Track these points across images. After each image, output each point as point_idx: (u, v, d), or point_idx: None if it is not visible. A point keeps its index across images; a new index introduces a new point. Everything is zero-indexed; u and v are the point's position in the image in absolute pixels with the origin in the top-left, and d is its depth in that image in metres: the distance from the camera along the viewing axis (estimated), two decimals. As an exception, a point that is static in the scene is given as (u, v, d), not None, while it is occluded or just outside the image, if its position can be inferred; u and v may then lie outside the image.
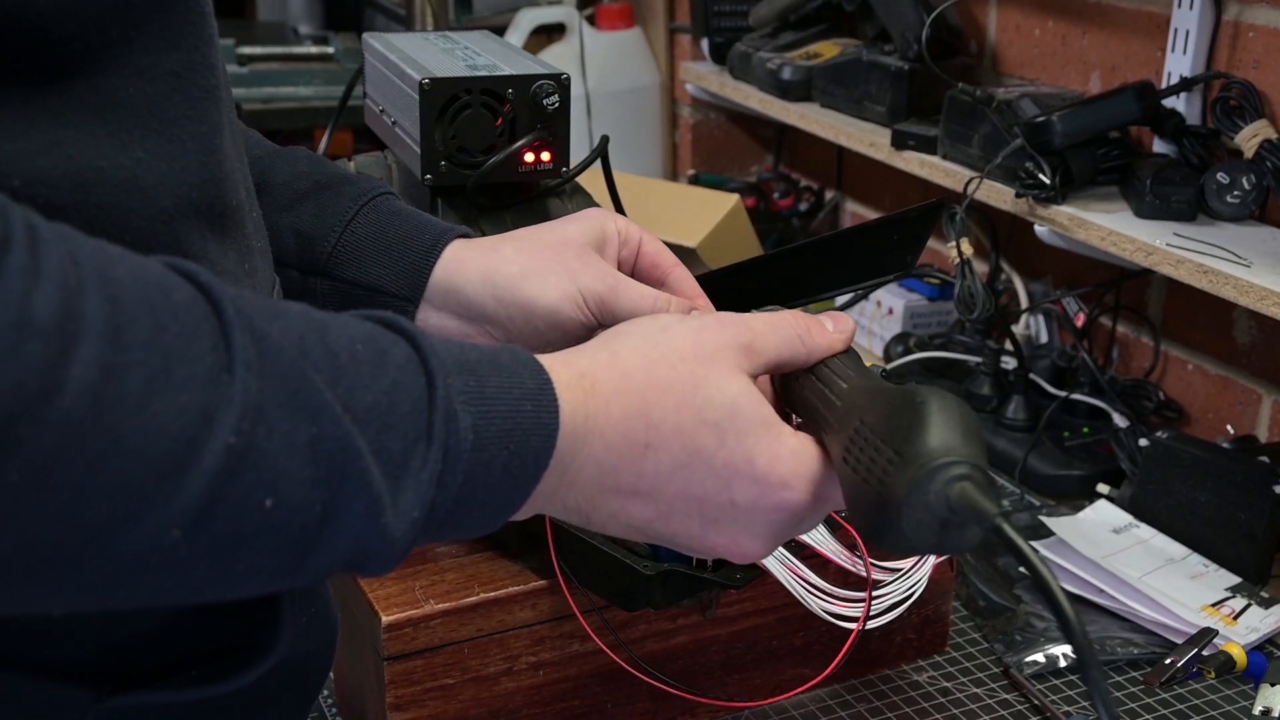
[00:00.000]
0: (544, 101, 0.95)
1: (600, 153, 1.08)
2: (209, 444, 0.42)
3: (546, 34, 2.08)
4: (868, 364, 0.92)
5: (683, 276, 0.77)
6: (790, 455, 0.58)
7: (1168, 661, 1.00)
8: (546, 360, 0.56)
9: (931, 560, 0.93)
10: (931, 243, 1.61)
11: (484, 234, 0.99)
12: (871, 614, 0.89)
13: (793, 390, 0.63)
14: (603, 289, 0.73)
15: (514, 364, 0.54)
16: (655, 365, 0.57)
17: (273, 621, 0.60)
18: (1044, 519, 1.20)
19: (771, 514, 0.58)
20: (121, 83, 0.51)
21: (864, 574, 0.90)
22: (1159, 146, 1.32)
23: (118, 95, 0.51)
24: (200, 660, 0.59)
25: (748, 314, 0.62)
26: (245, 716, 0.62)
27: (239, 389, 0.43)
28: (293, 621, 0.60)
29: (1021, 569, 0.53)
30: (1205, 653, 1.00)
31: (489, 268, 0.74)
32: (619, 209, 1.12)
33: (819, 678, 0.95)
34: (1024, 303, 1.54)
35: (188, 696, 0.58)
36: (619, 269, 0.76)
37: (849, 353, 0.63)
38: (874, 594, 0.90)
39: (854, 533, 0.87)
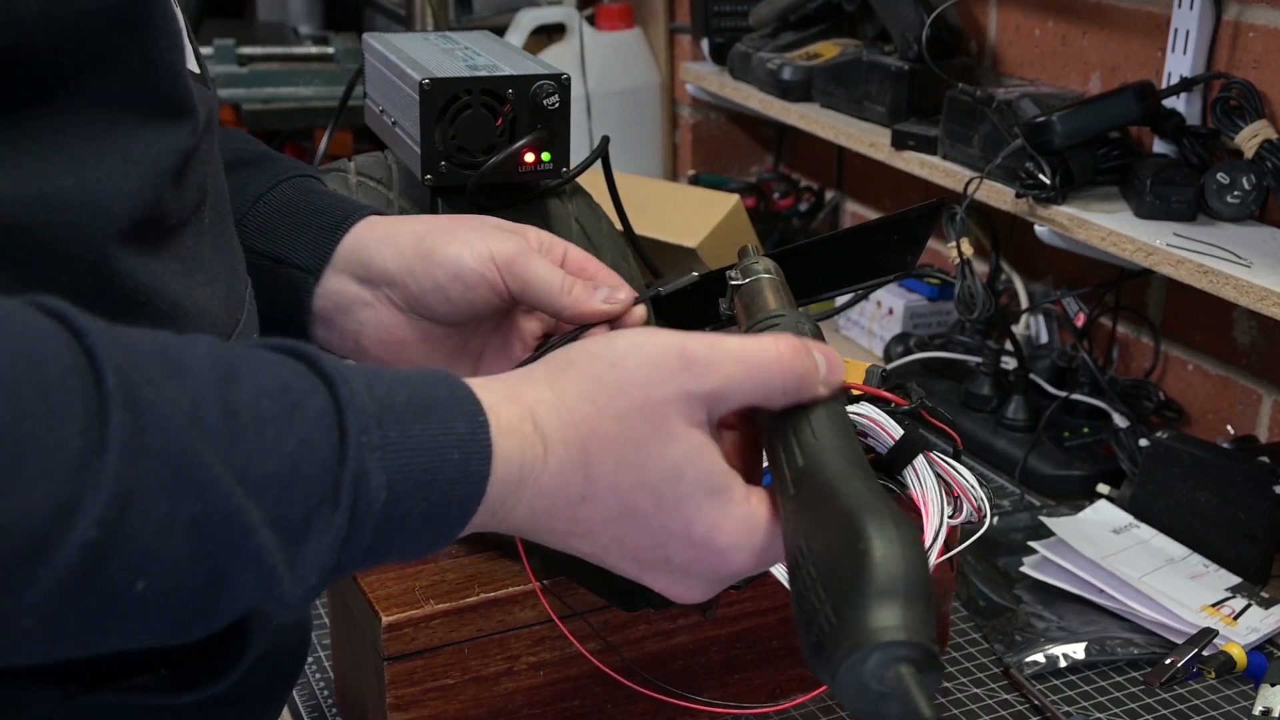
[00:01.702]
0: (544, 102, 0.95)
1: (600, 153, 1.08)
2: (66, 538, 0.41)
3: (546, 34, 2.08)
4: (867, 365, 0.92)
5: (608, 279, 0.77)
6: (733, 526, 0.55)
7: (1168, 661, 1.00)
8: (490, 396, 0.53)
9: (932, 560, 0.93)
10: (931, 243, 1.61)
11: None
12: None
13: (764, 427, 0.59)
14: (512, 250, 0.72)
15: (449, 404, 0.52)
16: (601, 415, 0.54)
17: (240, 633, 0.59)
18: (1044, 519, 1.20)
19: (708, 573, 0.57)
20: (72, 111, 0.52)
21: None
22: (1159, 146, 1.32)
23: (66, 120, 0.52)
24: (169, 661, 0.58)
25: (736, 347, 0.57)
26: (214, 715, 0.62)
27: (109, 474, 0.41)
28: (260, 630, 0.60)
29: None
30: (1205, 653, 1.00)
31: (394, 230, 0.73)
32: (619, 209, 1.12)
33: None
34: (1024, 303, 1.54)
35: (155, 701, 0.58)
36: None
37: (834, 402, 0.59)
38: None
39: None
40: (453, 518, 0.52)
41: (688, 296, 1.10)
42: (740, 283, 0.68)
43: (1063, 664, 1.01)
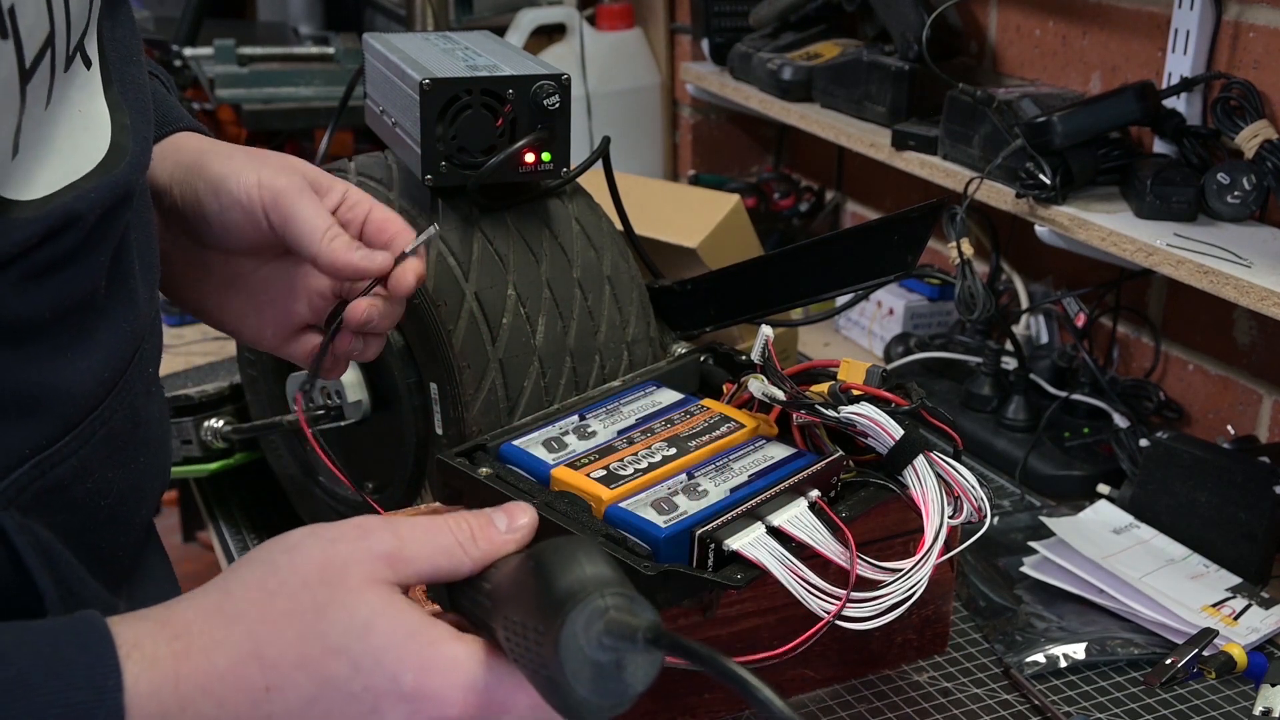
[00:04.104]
0: (544, 102, 0.95)
1: (601, 153, 1.08)
2: None
3: (547, 34, 2.08)
4: (867, 365, 0.92)
5: (410, 240, 0.77)
6: (445, 666, 0.53)
7: (1168, 662, 1.00)
8: (138, 628, 0.52)
9: (933, 560, 0.93)
10: (932, 243, 1.61)
11: (485, 236, 0.99)
12: (871, 614, 0.89)
13: (460, 603, 0.57)
14: (284, 184, 0.72)
15: (68, 668, 0.49)
16: (272, 598, 0.53)
17: None
18: (1044, 519, 1.20)
19: None
20: None
21: (865, 574, 0.90)
22: (1159, 147, 1.32)
23: None
24: None
25: (406, 517, 0.57)
26: None
27: None
28: None
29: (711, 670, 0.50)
30: (1206, 653, 1.00)
31: (188, 146, 0.74)
32: (619, 209, 1.12)
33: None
34: (1024, 303, 1.54)
35: None
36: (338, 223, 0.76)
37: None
38: (874, 594, 0.89)
39: (848, 533, 0.87)
40: None
41: (688, 296, 1.10)
42: None
43: (1063, 664, 1.01)
